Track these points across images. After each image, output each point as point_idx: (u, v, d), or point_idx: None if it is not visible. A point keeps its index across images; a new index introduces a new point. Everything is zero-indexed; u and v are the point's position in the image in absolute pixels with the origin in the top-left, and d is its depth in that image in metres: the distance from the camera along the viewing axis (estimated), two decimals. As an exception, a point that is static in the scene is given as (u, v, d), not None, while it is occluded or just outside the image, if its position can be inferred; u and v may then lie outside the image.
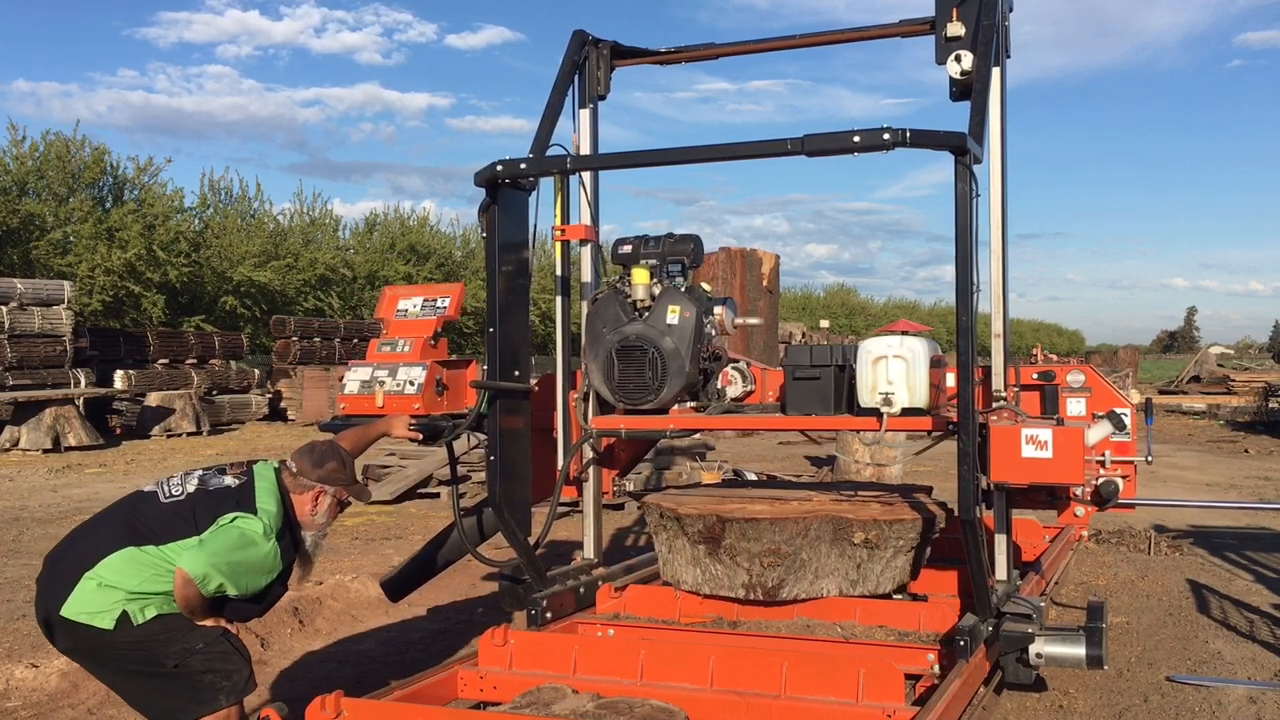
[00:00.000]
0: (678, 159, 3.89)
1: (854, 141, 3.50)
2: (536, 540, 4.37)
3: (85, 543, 3.43)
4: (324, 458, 3.66)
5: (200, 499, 3.46)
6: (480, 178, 4.05)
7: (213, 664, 3.39)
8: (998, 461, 3.79)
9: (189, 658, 3.36)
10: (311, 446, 3.71)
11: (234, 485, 3.52)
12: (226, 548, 3.36)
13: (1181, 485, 12.37)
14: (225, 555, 3.34)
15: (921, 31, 4.61)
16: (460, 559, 4.80)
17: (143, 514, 3.44)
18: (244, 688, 3.46)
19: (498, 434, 4.15)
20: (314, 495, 3.62)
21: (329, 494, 3.65)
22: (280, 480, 3.61)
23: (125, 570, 3.31)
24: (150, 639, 3.32)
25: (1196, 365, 34.90)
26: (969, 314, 3.63)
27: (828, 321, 42.21)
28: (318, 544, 3.71)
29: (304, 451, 3.69)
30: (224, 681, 3.41)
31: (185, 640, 3.36)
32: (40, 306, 17.96)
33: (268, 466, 3.66)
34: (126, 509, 3.51)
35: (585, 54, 4.91)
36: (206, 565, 3.31)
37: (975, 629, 3.75)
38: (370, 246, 35.94)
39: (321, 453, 3.67)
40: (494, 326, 4.16)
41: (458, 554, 4.70)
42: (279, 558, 3.49)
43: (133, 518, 3.44)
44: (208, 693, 3.38)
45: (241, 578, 3.39)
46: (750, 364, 4.90)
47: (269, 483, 3.57)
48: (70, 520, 9.71)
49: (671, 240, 4.62)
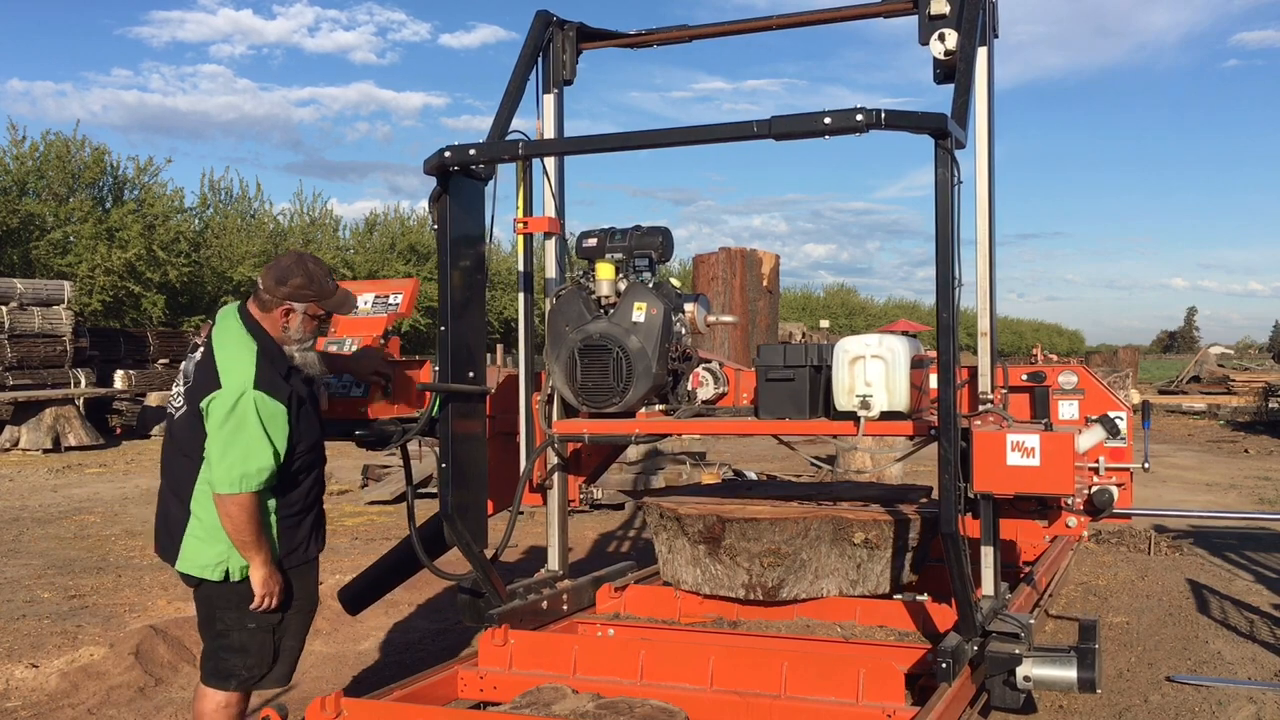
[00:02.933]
0: (639, 143, 3.67)
1: (825, 124, 3.26)
2: (496, 551, 4.21)
3: (172, 485, 3.49)
4: (286, 274, 3.50)
5: (191, 394, 3.41)
6: (429, 165, 3.82)
7: (246, 646, 3.48)
8: (981, 470, 3.55)
9: (234, 630, 3.46)
10: (275, 263, 3.58)
11: (199, 360, 3.43)
12: (224, 443, 3.27)
13: (1181, 485, 12.36)
14: (231, 450, 3.26)
15: (904, 10, 4.37)
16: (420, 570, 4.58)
17: (177, 439, 3.47)
18: (255, 682, 3.54)
19: (450, 439, 3.94)
20: (282, 312, 3.49)
21: (298, 310, 3.51)
22: (244, 315, 3.49)
23: (215, 513, 3.34)
24: (220, 597, 3.45)
25: (1196, 365, 34.87)
26: (950, 310, 3.45)
27: (828, 322, 42.14)
28: (306, 356, 3.58)
29: (268, 269, 3.57)
30: (242, 669, 3.50)
31: (241, 613, 3.45)
32: (40, 306, 17.96)
33: (229, 310, 3.55)
34: (168, 444, 3.54)
35: (549, 35, 4.67)
36: (225, 474, 3.26)
37: (959, 649, 3.52)
38: (370, 246, 35.98)
39: (284, 268, 3.52)
40: (446, 325, 3.93)
41: (416, 565, 4.45)
42: (277, 397, 3.35)
43: (173, 452, 3.49)
44: (225, 670, 3.49)
45: (262, 450, 3.29)
46: (724, 364, 4.73)
47: (228, 332, 3.45)
48: (70, 520, 9.71)
49: (639, 233, 4.39)
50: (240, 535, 3.32)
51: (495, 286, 33.49)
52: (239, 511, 3.30)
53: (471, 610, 4.20)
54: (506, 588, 4.24)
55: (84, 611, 6.24)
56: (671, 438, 10.30)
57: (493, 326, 33.08)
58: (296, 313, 3.51)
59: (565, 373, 4.28)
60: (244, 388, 3.30)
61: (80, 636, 5.63)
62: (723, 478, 10.63)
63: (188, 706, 4.66)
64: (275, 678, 3.57)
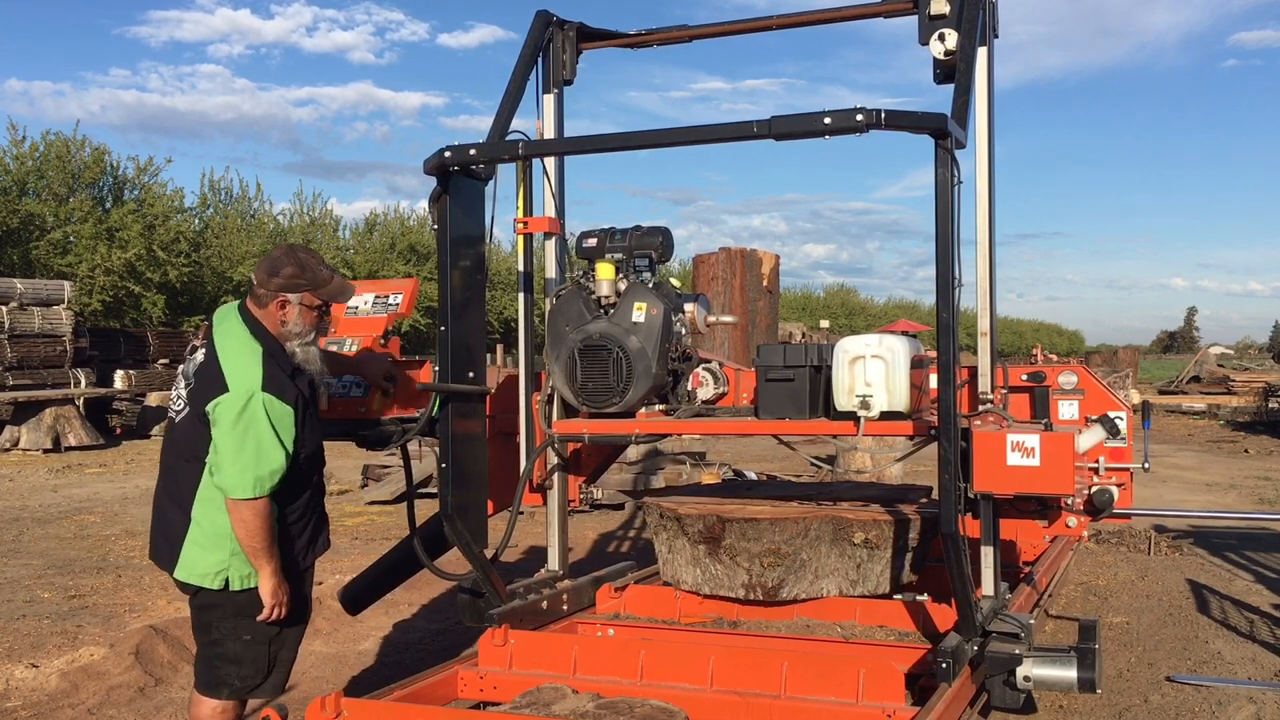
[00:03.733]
0: (639, 143, 3.67)
1: (825, 124, 3.25)
2: (496, 551, 4.21)
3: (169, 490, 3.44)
4: (277, 265, 3.45)
5: (194, 397, 3.35)
6: (429, 165, 3.82)
7: (240, 657, 3.45)
8: (981, 470, 3.54)
9: (229, 640, 3.43)
10: (267, 257, 3.54)
11: (202, 362, 3.38)
12: (235, 447, 3.21)
13: (1181, 485, 12.37)
14: (243, 455, 3.21)
15: (904, 10, 4.36)
16: (420, 570, 4.58)
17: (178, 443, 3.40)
18: (248, 692, 3.51)
19: (450, 439, 3.94)
20: (278, 305, 3.43)
21: (293, 302, 3.44)
22: (245, 315, 3.45)
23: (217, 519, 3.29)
24: (217, 606, 3.41)
25: (1196, 365, 34.87)
26: (950, 310, 3.44)
27: (828, 322, 42.16)
28: (308, 352, 3.49)
29: (260, 263, 3.51)
30: (235, 679, 3.46)
31: (238, 623, 3.42)
32: (40, 306, 17.96)
33: (228, 310, 3.50)
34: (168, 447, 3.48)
35: (549, 35, 4.66)
36: (238, 479, 3.21)
37: (959, 649, 3.52)
38: (370, 246, 36.00)
39: (274, 260, 3.47)
40: (445, 325, 3.93)
41: (416, 565, 4.44)
42: (285, 399, 3.31)
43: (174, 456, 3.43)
44: (218, 679, 3.46)
45: (274, 453, 3.25)
46: (723, 364, 4.72)
47: (230, 334, 3.40)
48: (70, 520, 9.71)
49: (639, 233, 4.38)
50: (253, 541, 3.27)
51: (495, 286, 33.51)
52: (254, 517, 3.25)
53: (471, 610, 4.20)
54: (506, 588, 4.24)
55: (84, 611, 6.24)
56: (671, 438, 10.29)
57: (493, 326, 33.13)
58: (292, 304, 3.44)
59: (565, 373, 4.27)
60: (252, 390, 3.25)
61: (80, 636, 5.63)
62: (723, 478, 10.63)
63: (187, 706, 4.67)
64: (269, 688, 3.54)
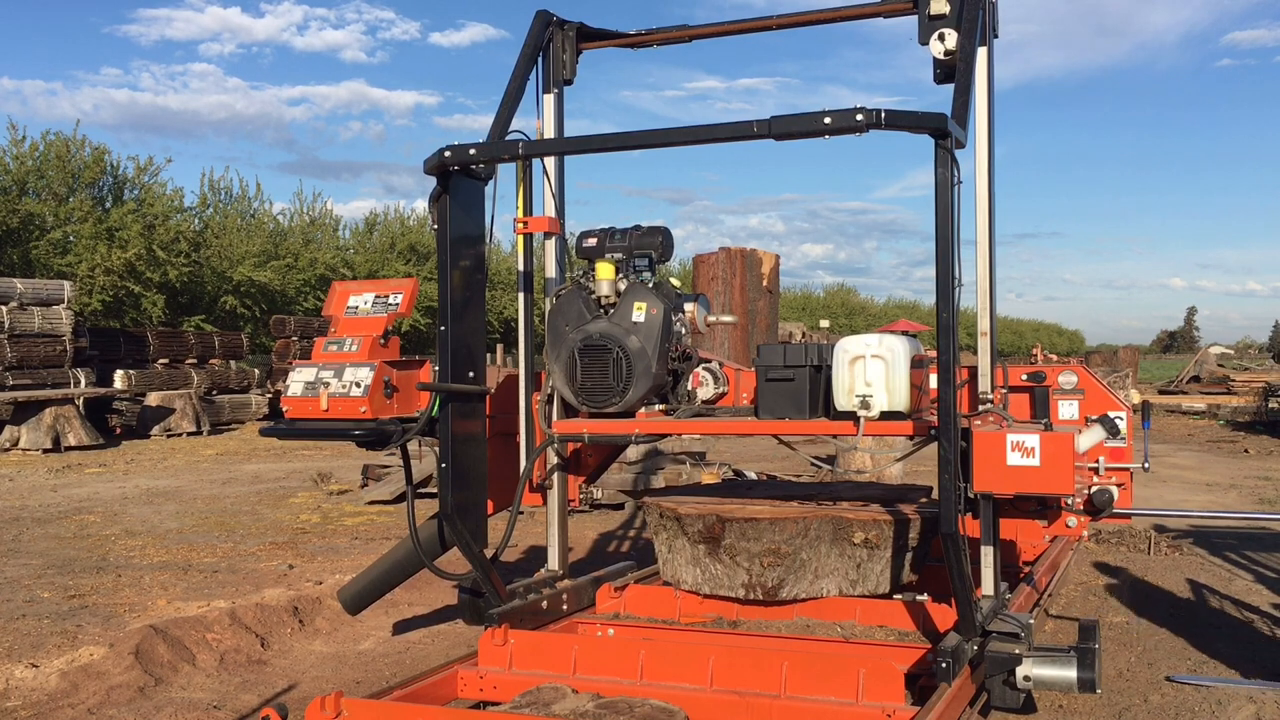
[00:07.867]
0: (639, 143, 3.69)
1: (825, 123, 3.28)
2: (496, 551, 4.21)
3: None
4: None
5: None
6: (429, 165, 3.84)
7: None
8: (981, 470, 3.56)
9: None
10: None
11: None
12: None
13: (1181, 485, 12.36)
14: None
15: (904, 10, 4.37)
16: (420, 570, 4.60)
17: None
18: None
19: (449, 439, 3.96)
20: None
21: None
22: None
23: None
24: None
25: (1196, 365, 34.87)
26: (950, 310, 3.45)
27: (827, 321, 42.14)
28: None
29: None
30: None
31: None
32: (40, 306, 17.96)
33: None
34: None
35: (549, 35, 4.67)
36: None
37: (959, 649, 3.55)
38: (370, 246, 35.99)
39: None
40: (445, 325, 3.97)
41: (416, 565, 4.48)
42: None
43: None
44: None
45: None
46: (723, 364, 4.73)
47: None
48: (70, 520, 9.70)
49: (639, 233, 4.40)
50: None
51: (495, 286, 33.49)
52: None
53: (471, 610, 4.21)
54: (506, 588, 4.25)
55: (84, 611, 6.23)
56: (671, 438, 10.30)
57: (493, 326, 33.10)
58: None
59: (565, 373, 4.28)
60: None
61: (80, 636, 5.63)
62: (723, 478, 10.63)
63: (188, 706, 4.67)
64: None
